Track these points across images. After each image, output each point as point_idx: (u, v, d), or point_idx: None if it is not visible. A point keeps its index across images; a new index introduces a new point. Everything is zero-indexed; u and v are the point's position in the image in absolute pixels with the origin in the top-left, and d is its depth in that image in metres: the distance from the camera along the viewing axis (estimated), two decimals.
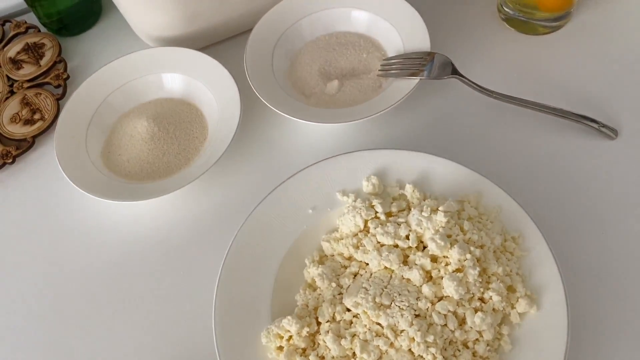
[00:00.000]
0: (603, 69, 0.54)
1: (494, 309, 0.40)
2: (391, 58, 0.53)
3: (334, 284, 0.42)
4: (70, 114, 0.54)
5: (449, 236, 0.41)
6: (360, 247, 0.43)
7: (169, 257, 0.49)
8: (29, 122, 0.57)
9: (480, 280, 0.40)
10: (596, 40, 0.55)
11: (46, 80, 0.60)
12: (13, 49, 0.62)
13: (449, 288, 0.39)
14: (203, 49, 0.57)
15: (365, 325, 0.40)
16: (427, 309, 0.40)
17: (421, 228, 0.42)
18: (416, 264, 0.41)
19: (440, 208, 0.42)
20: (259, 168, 0.52)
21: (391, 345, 0.39)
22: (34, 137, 0.56)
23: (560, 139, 0.50)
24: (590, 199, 0.47)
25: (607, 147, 0.49)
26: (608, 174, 0.48)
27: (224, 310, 0.42)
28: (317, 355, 0.40)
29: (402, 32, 0.54)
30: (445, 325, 0.39)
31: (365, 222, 0.44)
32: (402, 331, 0.39)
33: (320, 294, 0.43)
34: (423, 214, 0.42)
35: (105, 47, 0.63)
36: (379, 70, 0.53)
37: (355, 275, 0.43)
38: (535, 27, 0.56)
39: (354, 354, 0.40)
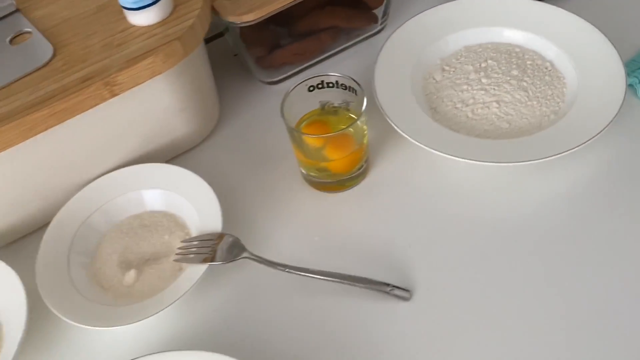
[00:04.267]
0: (400, 227, 0.54)
1: None
2: (187, 241, 0.53)
3: None
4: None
5: None
6: None
7: None
8: None
9: None
10: (392, 192, 0.56)
11: None
12: None
13: None
14: None
15: None
16: None
17: None
18: None
19: None
20: None
21: None
22: None
23: (355, 306, 0.50)
24: None
25: (402, 308, 0.49)
26: (403, 335, 0.48)
27: None
28: None
29: (200, 210, 0.54)
30: None
31: None
32: None
33: None
34: None
35: None
36: (176, 255, 0.53)
37: None
38: (333, 186, 0.57)
39: None
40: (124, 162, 0.58)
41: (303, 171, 0.58)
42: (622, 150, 0.55)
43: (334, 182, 0.57)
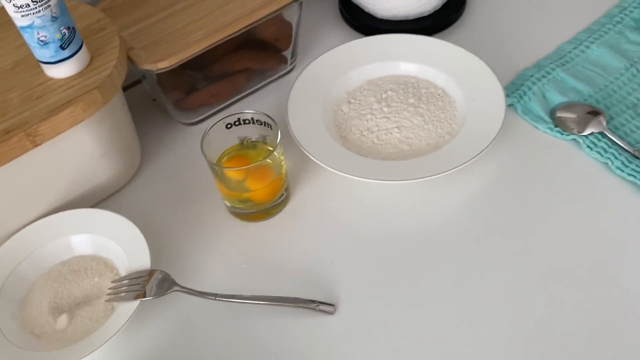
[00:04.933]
0: (322, 247, 0.58)
1: None
2: (117, 280, 0.54)
3: None
4: None
5: None
6: None
7: None
8: None
9: None
10: (311, 219, 0.61)
11: None
12: None
13: None
14: None
15: None
16: None
17: None
18: None
19: None
20: None
21: None
22: None
23: (285, 324, 0.53)
24: None
25: (328, 322, 0.53)
26: (331, 347, 0.52)
27: None
28: None
29: (128, 250, 0.56)
30: None
31: None
32: None
33: None
34: None
35: None
36: (107, 295, 0.54)
37: None
38: (257, 216, 0.60)
39: None
40: (50, 209, 0.59)
41: (227, 204, 0.61)
42: (508, 160, 0.63)
43: (258, 212, 0.60)
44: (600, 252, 0.55)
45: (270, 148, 0.59)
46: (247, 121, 0.59)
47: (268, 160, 0.57)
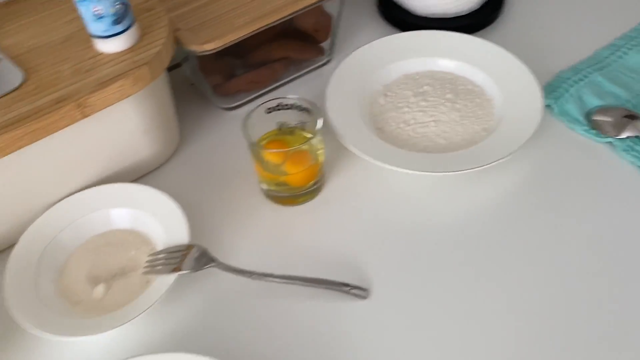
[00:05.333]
0: (355, 234, 0.59)
1: None
2: (155, 254, 0.55)
3: None
4: None
5: None
6: None
7: None
8: None
9: None
10: (346, 204, 0.62)
11: None
12: None
13: None
14: None
15: None
16: None
17: None
18: None
19: None
20: None
21: None
22: None
23: (318, 306, 0.54)
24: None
25: (360, 306, 0.54)
26: (363, 331, 0.52)
27: None
28: None
29: (166, 226, 0.57)
30: None
31: None
32: None
33: None
34: None
35: None
36: (144, 267, 0.55)
37: None
38: (292, 200, 0.61)
39: None
40: (91, 182, 0.60)
41: (263, 187, 0.62)
42: (542, 161, 0.63)
43: (293, 196, 0.61)
44: (633, 256, 0.55)
45: (309, 135, 0.60)
46: (287, 106, 0.60)
47: (306, 145, 0.58)
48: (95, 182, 0.60)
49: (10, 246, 0.57)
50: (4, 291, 0.52)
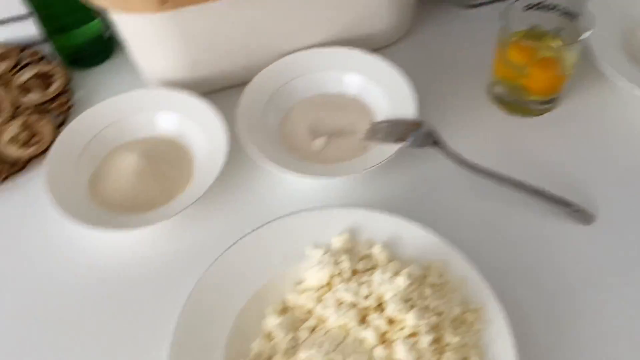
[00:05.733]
0: (587, 155, 0.55)
1: None
2: (379, 122, 0.55)
3: (290, 336, 0.42)
4: (64, 143, 0.56)
5: (408, 300, 0.41)
6: (321, 302, 0.43)
7: (129, 293, 0.50)
8: (25, 145, 0.59)
9: (434, 348, 0.40)
10: (582, 126, 0.57)
11: (50, 108, 0.63)
12: (24, 75, 0.65)
13: (401, 352, 0.39)
14: (203, 94, 0.59)
15: None
16: None
17: (383, 289, 0.42)
18: (373, 324, 0.41)
19: (403, 271, 0.42)
20: (236, 215, 0.53)
21: None
22: (27, 160, 0.58)
23: (534, 219, 0.51)
24: (558, 281, 0.47)
25: (581, 231, 0.50)
26: (578, 257, 0.49)
27: (178, 352, 0.42)
28: None
29: (392, 100, 0.56)
30: None
31: (330, 277, 0.44)
32: None
33: (275, 344, 0.43)
34: (386, 275, 0.42)
35: (111, 83, 0.65)
36: (366, 133, 0.55)
37: (312, 330, 0.43)
38: (523, 109, 0.58)
39: None
40: (324, 42, 0.60)
41: (497, 89, 0.58)
42: None
43: (525, 103, 0.57)
44: None
45: (564, 42, 0.55)
46: (549, 7, 0.55)
47: (566, 51, 0.53)
48: (328, 43, 0.60)
49: (243, 83, 0.59)
50: (237, 121, 0.55)
